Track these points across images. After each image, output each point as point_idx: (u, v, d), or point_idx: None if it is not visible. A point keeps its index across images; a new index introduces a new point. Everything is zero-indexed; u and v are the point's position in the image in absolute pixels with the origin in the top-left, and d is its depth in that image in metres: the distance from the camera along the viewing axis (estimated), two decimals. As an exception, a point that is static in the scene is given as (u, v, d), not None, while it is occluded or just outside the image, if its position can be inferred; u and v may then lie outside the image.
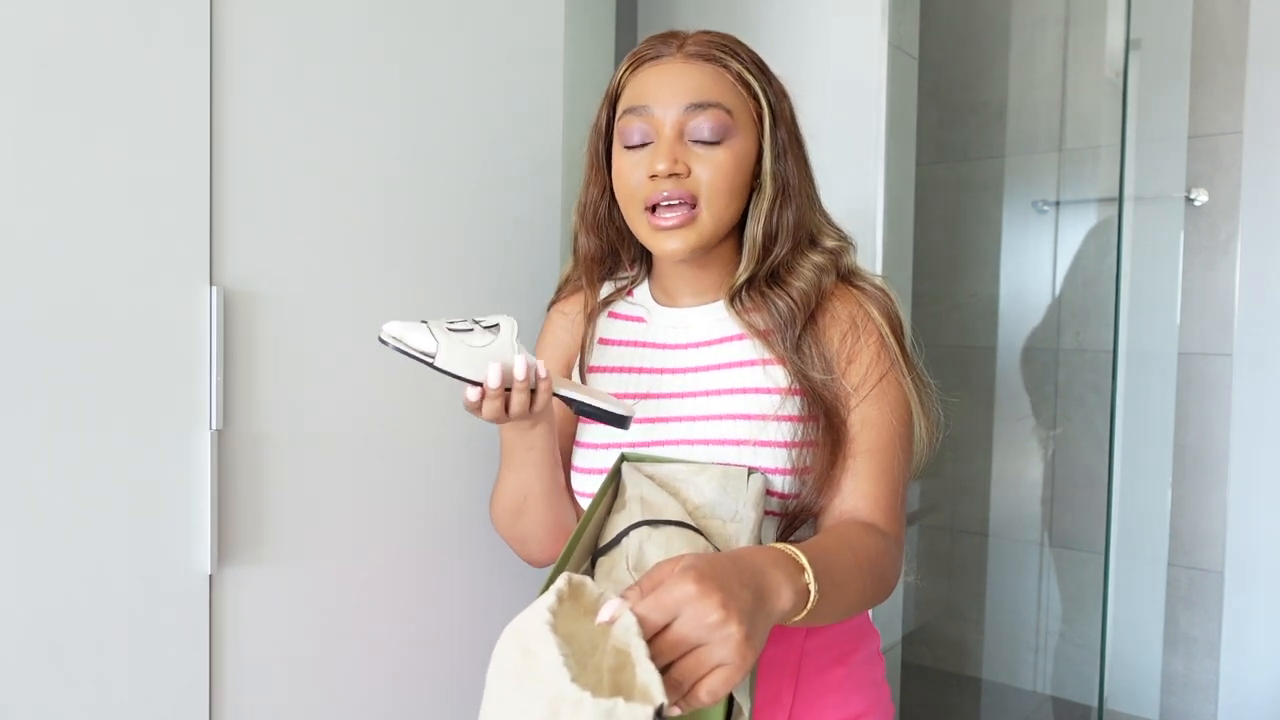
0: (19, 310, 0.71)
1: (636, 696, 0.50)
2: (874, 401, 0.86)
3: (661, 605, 0.54)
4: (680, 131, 0.86)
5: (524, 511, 0.93)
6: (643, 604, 0.55)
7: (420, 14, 1.00)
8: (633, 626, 0.53)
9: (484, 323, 0.81)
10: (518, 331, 0.82)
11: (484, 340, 0.79)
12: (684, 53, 0.87)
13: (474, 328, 0.80)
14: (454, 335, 0.79)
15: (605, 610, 0.55)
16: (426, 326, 0.79)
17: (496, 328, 0.81)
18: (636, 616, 0.54)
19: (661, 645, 0.54)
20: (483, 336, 0.80)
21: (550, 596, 0.55)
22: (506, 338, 0.81)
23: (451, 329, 0.79)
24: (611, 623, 0.54)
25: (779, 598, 0.61)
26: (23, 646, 0.72)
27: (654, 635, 0.54)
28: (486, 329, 0.80)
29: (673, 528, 0.76)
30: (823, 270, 0.90)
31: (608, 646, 0.54)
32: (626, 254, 0.99)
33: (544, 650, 0.51)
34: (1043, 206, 2.30)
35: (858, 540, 0.77)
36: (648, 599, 0.55)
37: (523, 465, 0.91)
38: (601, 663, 0.54)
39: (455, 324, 0.80)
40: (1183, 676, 2.13)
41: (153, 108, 0.78)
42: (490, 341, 0.80)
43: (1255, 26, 1.98)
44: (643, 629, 0.53)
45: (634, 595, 0.56)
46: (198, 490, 0.82)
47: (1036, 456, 2.32)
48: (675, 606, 0.54)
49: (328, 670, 0.94)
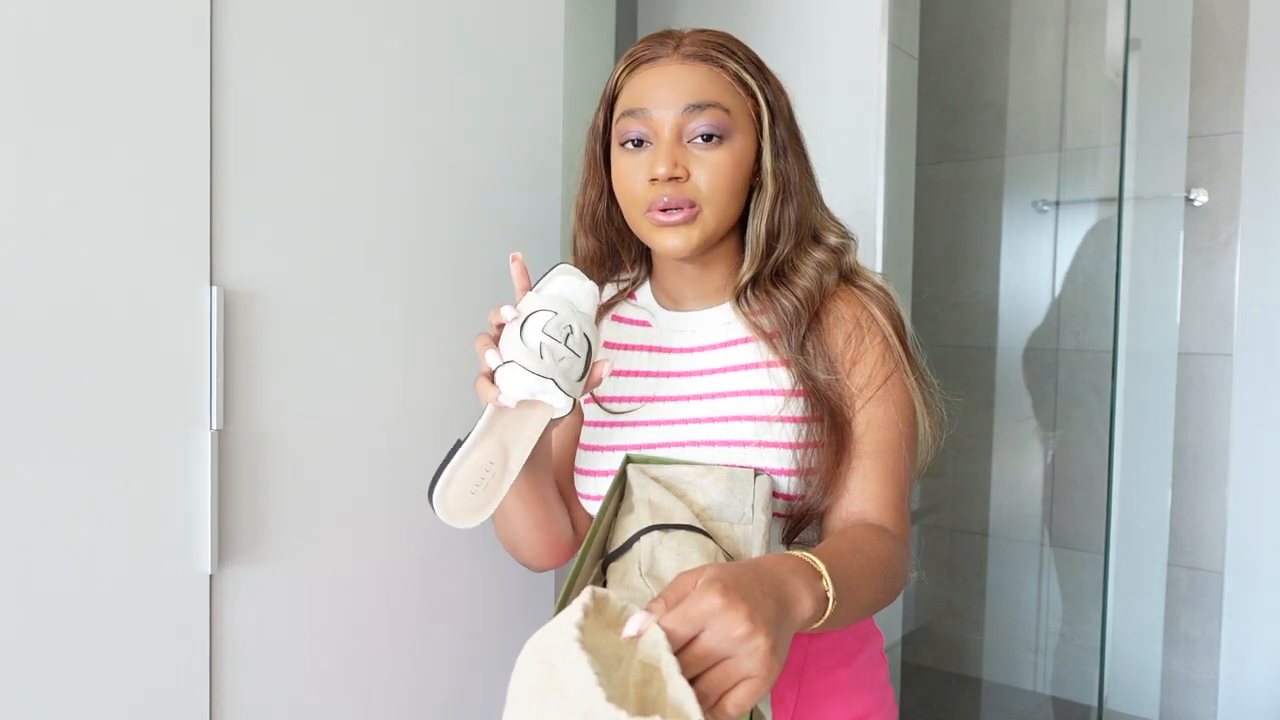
0: (19, 310, 0.71)
1: (669, 713, 0.50)
2: (879, 403, 0.86)
3: (688, 618, 0.54)
4: (679, 133, 0.85)
5: (510, 523, 0.93)
6: (669, 617, 0.54)
7: (420, 15, 1.00)
8: (662, 640, 0.53)
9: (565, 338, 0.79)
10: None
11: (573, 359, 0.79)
12: (680, 54, 0.87)
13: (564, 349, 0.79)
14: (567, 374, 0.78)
15: (632, 624, 0.54)
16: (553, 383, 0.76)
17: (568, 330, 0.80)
18: (664, 630, 0.53)
19: (688, 658, 0.54)
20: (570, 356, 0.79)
21: (576, 612, 0.54)
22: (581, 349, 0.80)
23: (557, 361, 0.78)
24: (638, 636, 0.54)
25: (800, 606, 0.61)
26: (22, 646, 0.72)
27: (680, 648, 0.54)
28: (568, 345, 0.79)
29: (683, 532, 0.76)
30: (826, 268, 0.90)
31: (633, 661, 0.54)
32: (627, 254, 0.99)
33: (572, 666, 0.51)
34: (1043, 206, 2.30)
35: (869, 544, 0.77)
36: (674, 612, 0.55)
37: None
38: (627, 677, 0.53)
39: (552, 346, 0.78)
40: (1183, 676, 2.13)
41: (153, 108, 0.78)
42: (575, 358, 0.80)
43: (1255, 26, 1.98)
44: (670, 642, 0.53)
45: (659, 608, 0.56)
46: (198, 490, 0.82)
47: (1036, 456, 2.32)
48: (702, 619, 0.54)
49: (327, 670, 0.94)
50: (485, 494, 0.80)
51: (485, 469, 0.80)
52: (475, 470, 0.80)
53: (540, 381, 0.76)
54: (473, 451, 0.79)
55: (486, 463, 0.80)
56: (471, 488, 0.79)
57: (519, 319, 0.79)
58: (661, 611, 0.55)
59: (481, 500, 0.80)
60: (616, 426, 0.93)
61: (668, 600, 0.56)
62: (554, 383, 0.76)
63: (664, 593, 0.57)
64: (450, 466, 0.78)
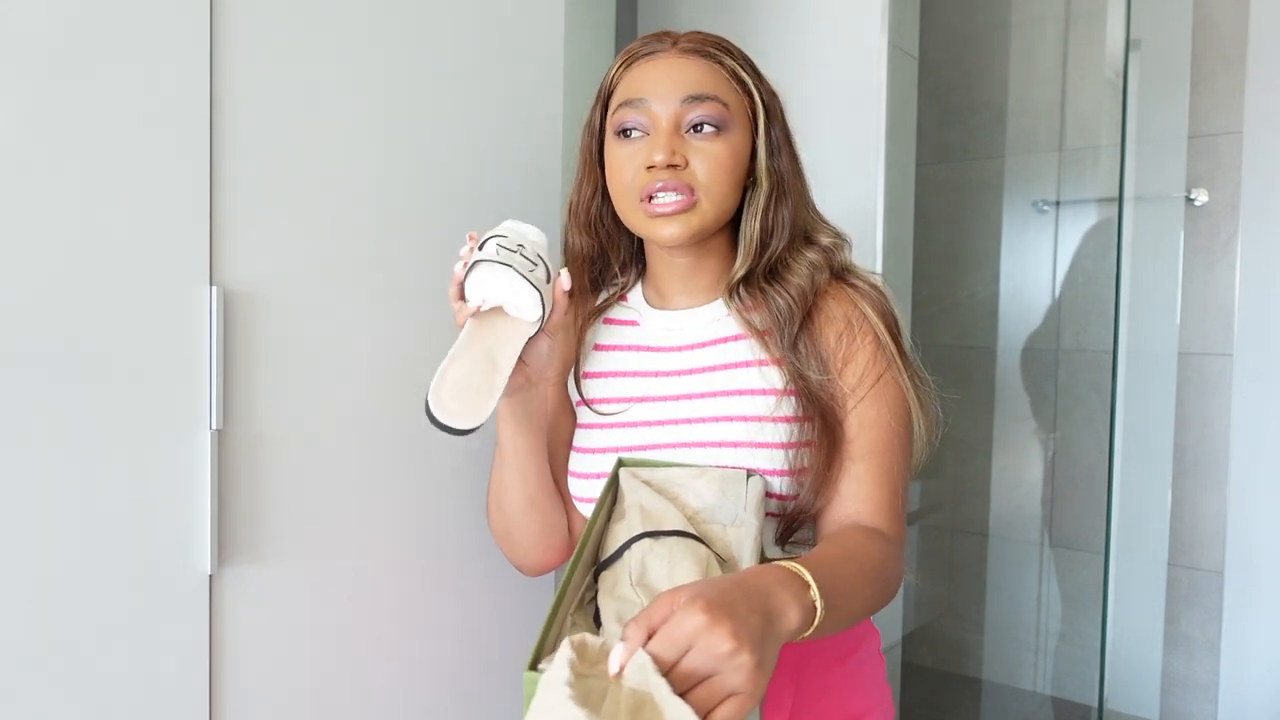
0: (19, 310, 0.71)
1: None
2: (872, 402, 0.86)
3: (673, 641, 0.54)
4: (677, 124, 0.85)
5: (502, 507, 0.94)
6: (655, 642, 0.55)
7: (420, 14, 1.00)
8: (649, 665, 0.53)
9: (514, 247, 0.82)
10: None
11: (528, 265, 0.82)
12: (679, 49, 0.88)
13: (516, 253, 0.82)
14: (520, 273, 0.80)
15: (614, 660, 0.55)
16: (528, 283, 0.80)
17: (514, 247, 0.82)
18: (651, 656, 0.54)
19: (674, 678, 0.54)
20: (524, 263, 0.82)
21: (563, 670, 0.55)
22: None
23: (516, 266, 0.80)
24: (622, 670, 0.54)
25: (786, 618, 0.61)
26: (22, 646, 0.72)
27: (668, 670, 0.54)
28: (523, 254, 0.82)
29: (674, 538, 0.75)
30: (818, 267, 0.90)
31: (623, 691, 0.54)
32: (616, 256, 0.98)
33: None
34: (1043, 206, 2.30)
35: (861, 548, 0.77)
36: (659, 636, 0.55)
37: (501, 466, 0.93)
38: (617, 711, 0.53)
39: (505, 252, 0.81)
40: (1183, 676, 2.13)
41: (153, 108, 0.78)
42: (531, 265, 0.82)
43: (1255, 26, 1.98)
44: (657, 665, 0.53)
45: (635, 633, 0.56)
46: (198, 490, 0.82)
47: (1036, 456, 2.32)
48: (686, 640, 0.54)
49: (327, 670, 0.94)
50: (481, 395, 0.80)
51: (474, 372, 0.81)
52: (465, 372, 0.81)
53: (502, 270, 0.79)
54: (457, 358, 0.81)
55: (474, 366, 0.81)
56: (465, 388, 0.80)
57: (475, 246, 0.83)
58: (640, 636, 0.55)
59: (477, 402, 0.80)
60: (607, 428, 0.93)
61: (641, 623, 0.56)
62: (515, 271, 0.79)
63: (640, 616, 0.57)
64: (438, 374, 0.80)
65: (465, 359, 0.81)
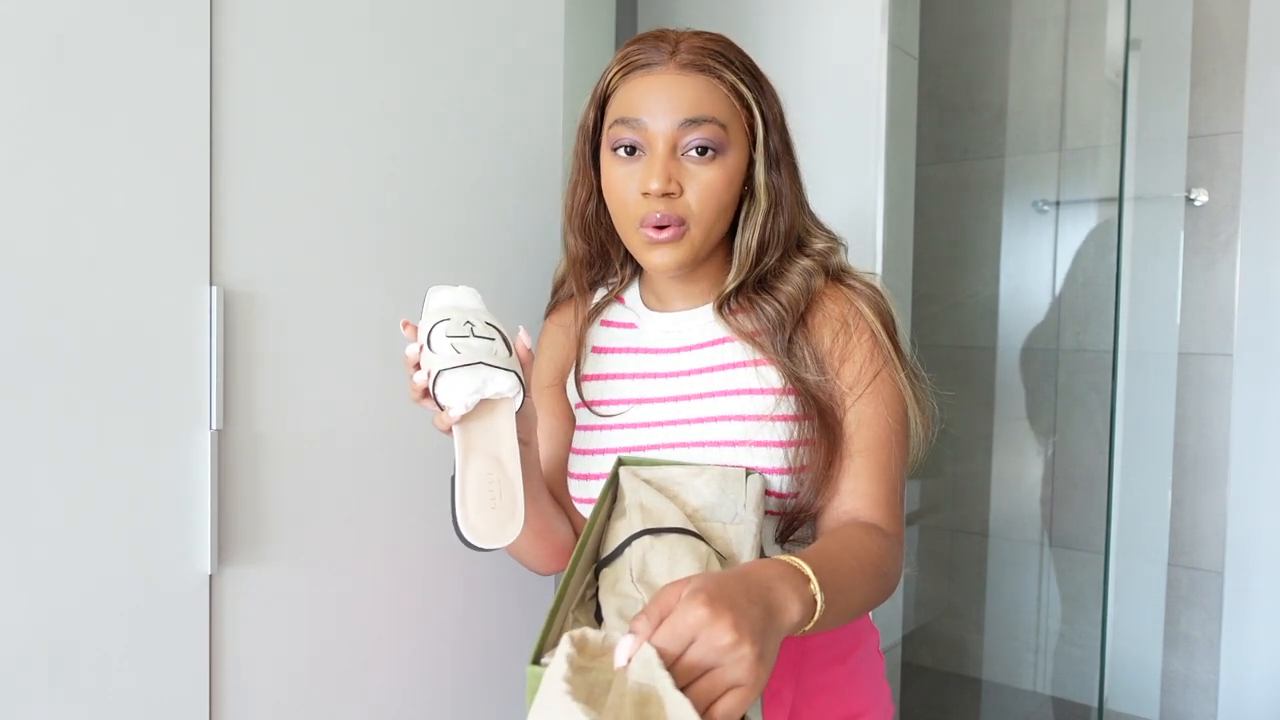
0: (19, 310, 0.71)
1: None
2: (869, 400, 0.86)
3: (677, 634, 0.55)
4: (673, 146, 0.84)
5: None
6: (658, 635, 0.55)
7: (420, 15, 1.01)
8: (653, 659, 0.54)
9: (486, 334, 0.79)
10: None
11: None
12: (677, 62, 0.85)
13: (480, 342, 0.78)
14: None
15: (620, 653, 0.55)
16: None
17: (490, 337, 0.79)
18: (655, 649, 0.54)
19: (677, 671, 0.54)
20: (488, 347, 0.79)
21: (562, 665, 0.55)
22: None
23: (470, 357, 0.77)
24: (629, 662, 0.55)
25: (787, 612, 0.61)
26: (23, 646, 0.72)
27: (671, 663, 0.54)
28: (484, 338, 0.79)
29: (674, 535, 0.76)
30: (811, 274, 0.90)
31: (627, 684, 0.54)
32: (616, 254, 0.98)
33: (567, 718, 0.52)
34: (1043, 206, 2.30)
35: (860, 543, 0.77)
36: (663, 629, 0.55)
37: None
38: (622, 704, 0.54)
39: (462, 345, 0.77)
40: (1183, 676, 2.14)
41: (153, 108, 0.78)
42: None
43: (1255, 26, 1.99)
44: (661, 659, 0.54)
45: (642, 626, 0.56)
46: (198, 490, 0.82)
47: (1036, 456, 2.32)
48: (689, 633, 0.55)
49: (328, 670, 0.94)
50: (504, 506, 0.79)
51: (488, 483, 0.79)
52: (480, 487, 0.79)
53: (472, 371, 0.76)
54: (466, 472, 0.78)
55: (485, 476, 0.79)
56: (487, 504, 0.78)
57: (422, 343, 0.78)
58: (648, 630, 0.56)
59: (504, 514, 0.78)
60: (606, 429, 0.93)
61: (651, 615, 0.57)
62: (484, 364, 0.76)
63: (647, 608, 0.58)
64: (457, 497, 0.78)
65: (473, 471, 0.78)
